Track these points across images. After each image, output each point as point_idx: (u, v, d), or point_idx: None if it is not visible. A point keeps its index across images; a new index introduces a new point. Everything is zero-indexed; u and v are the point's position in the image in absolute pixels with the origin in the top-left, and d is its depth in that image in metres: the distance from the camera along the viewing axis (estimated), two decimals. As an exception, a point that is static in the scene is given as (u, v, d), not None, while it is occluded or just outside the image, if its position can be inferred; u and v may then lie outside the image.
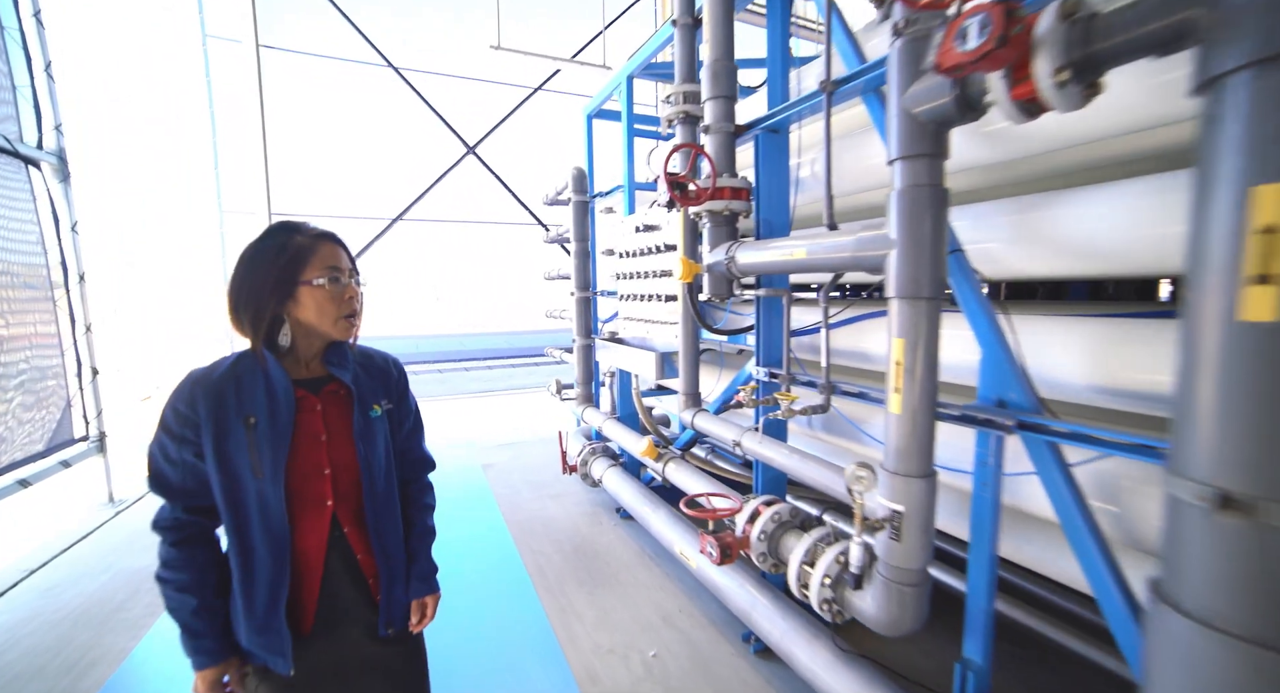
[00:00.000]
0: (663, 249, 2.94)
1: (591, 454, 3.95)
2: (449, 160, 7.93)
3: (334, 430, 1.16)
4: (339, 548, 1.16)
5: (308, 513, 1.12)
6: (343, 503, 1.16)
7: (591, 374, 4.14)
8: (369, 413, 1.20)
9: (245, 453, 1.05)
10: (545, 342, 5.96)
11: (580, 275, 3.99)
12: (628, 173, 3.57)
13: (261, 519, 1.06)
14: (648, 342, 3.25)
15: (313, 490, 1.12)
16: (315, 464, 1.13)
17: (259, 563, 1.07)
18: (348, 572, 1.17)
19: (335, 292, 1.11)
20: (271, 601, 1.07)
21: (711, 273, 2.27)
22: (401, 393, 1.31)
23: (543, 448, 5.45)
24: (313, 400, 1.15)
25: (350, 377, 1.18)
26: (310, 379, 1.17)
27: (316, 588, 1.14)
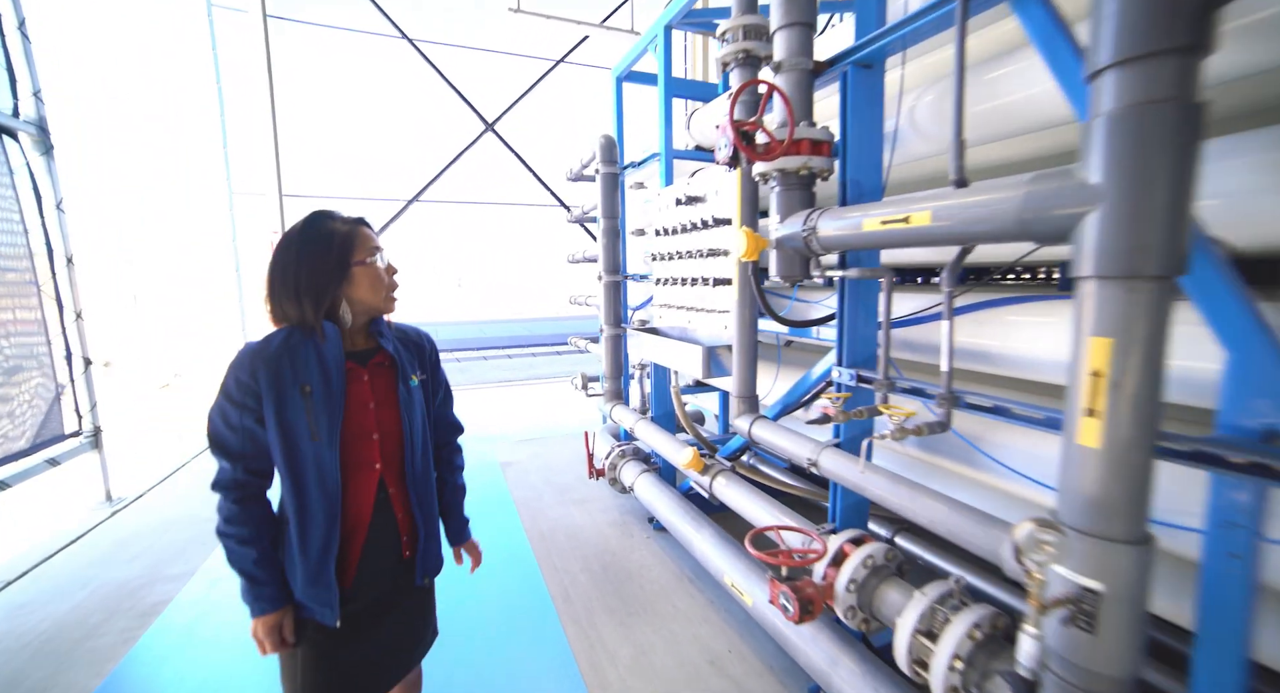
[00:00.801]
0: (710, 224, 2.49)
1: (621, 457, 3.56)
2: (467, 138, 7.52)
3: (380, 398, 1.26)
4: (383, 509, 1.27)
5: (358, 475, 1.22)
6: (388, 466, 1.27)
7: (621, 368, 3.72)
8: (409, 383, 1.31)
9: (303, 419, 1.15)
10: (567, 329, 5.57)
11: (609, 257, 3.56)
12: (664, 139, 3.10)
13: (318, 480, 1.16)
14: (689, 333, 2.81)
15: (363, 454, 1.23)
16: (365, 430, 1.23)
17: (313, 521, 1.16)
18: (388, 530, 1.28)
19: (381, 269, 1.25)
20: (323, 555, 1.17)
21: (782, 249, 1.81)
22: (434, 365, 1.44)
23: (565, 445, 5.08)
24: (360, 371, 1.25)
25: (393, 348, 1.29)
26: (357, 352, 1.27)
27: (360, 545, 1.24)
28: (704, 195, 2.60)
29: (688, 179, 2.76)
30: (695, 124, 3.25)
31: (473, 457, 4.77)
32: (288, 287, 1.17)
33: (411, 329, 1.42)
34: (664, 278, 2.99)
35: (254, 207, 6.22)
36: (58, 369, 3.37)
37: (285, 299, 1.18)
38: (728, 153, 1.67)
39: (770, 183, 1.83)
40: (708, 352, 2.35)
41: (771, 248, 1.83)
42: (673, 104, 3.15)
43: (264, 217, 6.08)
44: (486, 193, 7.93)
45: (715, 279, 2.47)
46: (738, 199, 2.05)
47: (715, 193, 2.48)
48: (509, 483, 4.17)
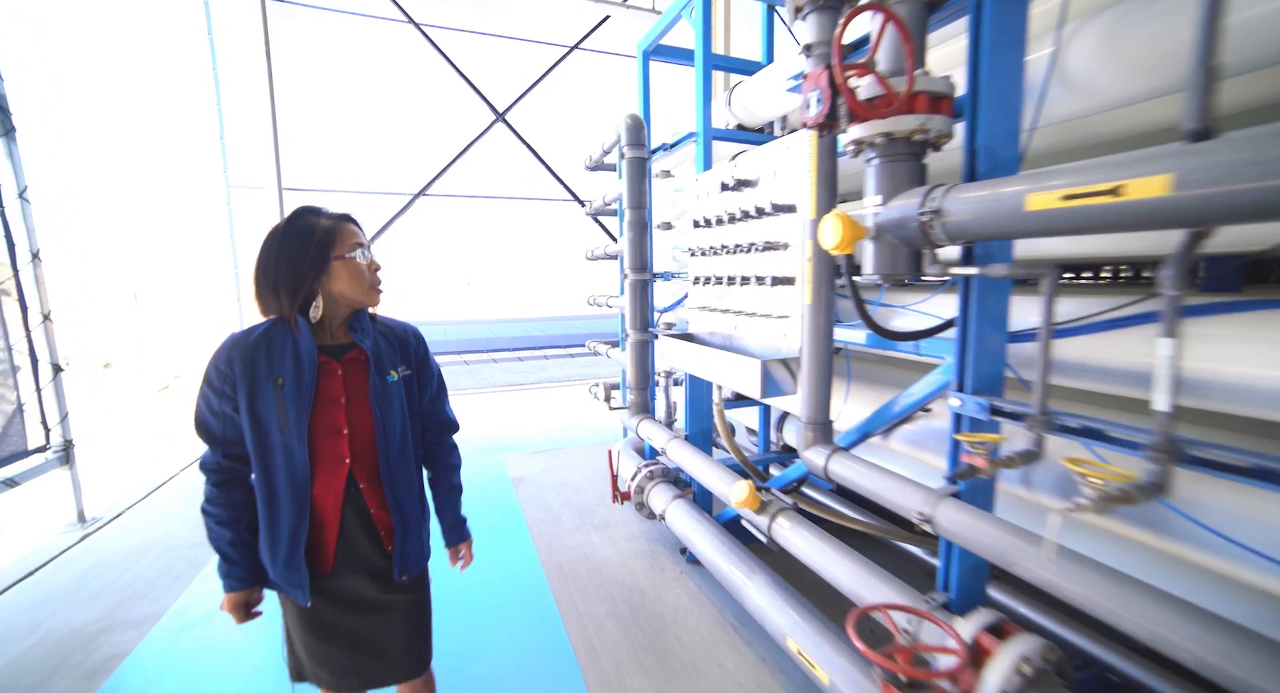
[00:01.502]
0: (765, 212, 2.08)
1: (649, 479, 3.15)
2: (476, 129, 7.15)
3: (352, 393, 1.27)
4: (354, 503, 1.28)
5: (326, 469, 1.25)
6: (359, 462, 1.27)
7: (648, 378, 3.32)
8: (386, 378, 1.31)
9: (274, 410, 1.18)
10: (581, 329, 5.16)
11: (635, 253, 3.15)
12: (703, 117, 2.69)
13: (286, 470, 1.20)
14: (735, 341, 2.40)
15: (331, 448, 1.25)
16: (334, 424, 1.24)
17: (283, 508, 1.21)
18: (361, 524, 1.29)
19: (364, 264, 1.26)
20: (292, 541, 1.22)
21: (883, 239, 1.40)
22: (422, 360, 1.42)
23: (582, 457, 4.69)
24: (334, 366, 1.26)
25: (370, 343, 1.30)
26: (333, 346, 1.28)
27: (334, 535, 1.27)
28: (756, 179, 2.20)
29: (733, 162, 2.35)
30: (738, 100, 2.84)
31: (482, 470, 4.40)
32: (268, 279, 1.20)
33: (398, 323, 1.42)
34: (703, 277, 2.58)
35: (252, 200, 5.89)
36: (24, 377, 3.02)
37: (266, 291, 1.21)
38: (821, 110, 1.26)
39: (866, 155, 1.42)
40: (765, 367, 1.94)
41: (868, 238, 1.42)
42: (712, 79, 2.73)
43: (263, 211, 5.74)
44: (497, 187, 7.55)
45: (774, 278, 2.06)
46: (813, 177, 1.64)
47: (773, 174, 2.07)
48: (522, 503, 3.78)
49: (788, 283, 2.05)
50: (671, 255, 3.58)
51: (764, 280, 2.12)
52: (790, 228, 2.00)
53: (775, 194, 2.05)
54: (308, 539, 1.23)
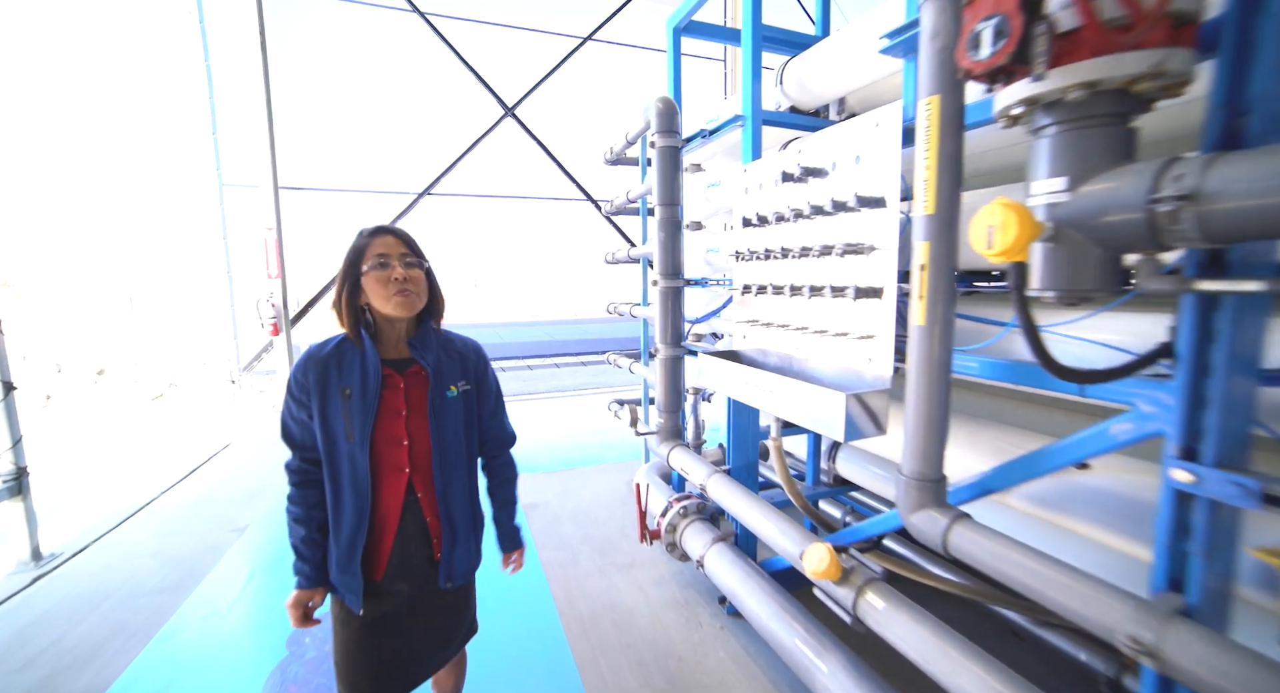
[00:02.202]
0: (849, 206, 1.66)
1: (682, 517, 2.74)
2: (484, 125, 6.77)
3: (413, 407, 1.33)
4: (412, 510, 1.34)
5: (388, 477, 1.31)
6: (418, 472, 1.34)
7: (680, 399, 2.90)
8: (445, 392, 1.37)
9: (341, 420, 1.27)
10: (594, 334, 4.75)
11: (667, 256, 2.74)
12: (751, 98, 2.28)
13: (351, 477, 1.28)
14: (796, 364, 1.99)
15: (393, 458, 1.31)
16: (395, 435, 1.31)
17: (345, 513, 1.29)
18: (417, 531, 1.35)
19: (383, 275, 1.27)
20: (350, 547, 1.29)
21: (1065, 238, 0.98)
22: (481, 374, 1.47)
23: (599, 479, 4.28)
24: (397, 379, 1.32)
25: (432, 358, 1.35)
26: (397, 360, 1.34)
27: (391, 542, 1.33)
28: (826, 167, 1.78)
29: (789, 148, 1.94)
30: (791, 78, 2.42)
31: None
32: (333, 298, 1.32)
33: (460, 338, 1.48)
34: (754, 285, 2.16)
35: (247, 199, 5.53)
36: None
37: (334, 309, 1.32)
38: (1003, 47, 0.84)
39: (1037, 122, 1.00)
40: (852, 402, 1.52)
41: (1043, 237, 1.00)
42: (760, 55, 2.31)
43: (257, 210, 5.37)
44: (506, 186, 7.17)
45: (857, 289, 1.64)
46: (932, 158, 1.22)
47: (854, 160, 1.65)
48: (535, 536, 3.37)
49: (872, 295, 1.64)
50: (704, 259, 3.17)
51: (842, 292, 1.70)
52: (878, 226, 1.59)
53: (858, 184, 1.63)
54: (366, 545, 1.31)
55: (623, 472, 4.43)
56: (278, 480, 4.24)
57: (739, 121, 2.34)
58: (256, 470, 4.47)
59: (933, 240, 1.25)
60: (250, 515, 3.58)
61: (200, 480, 4.24)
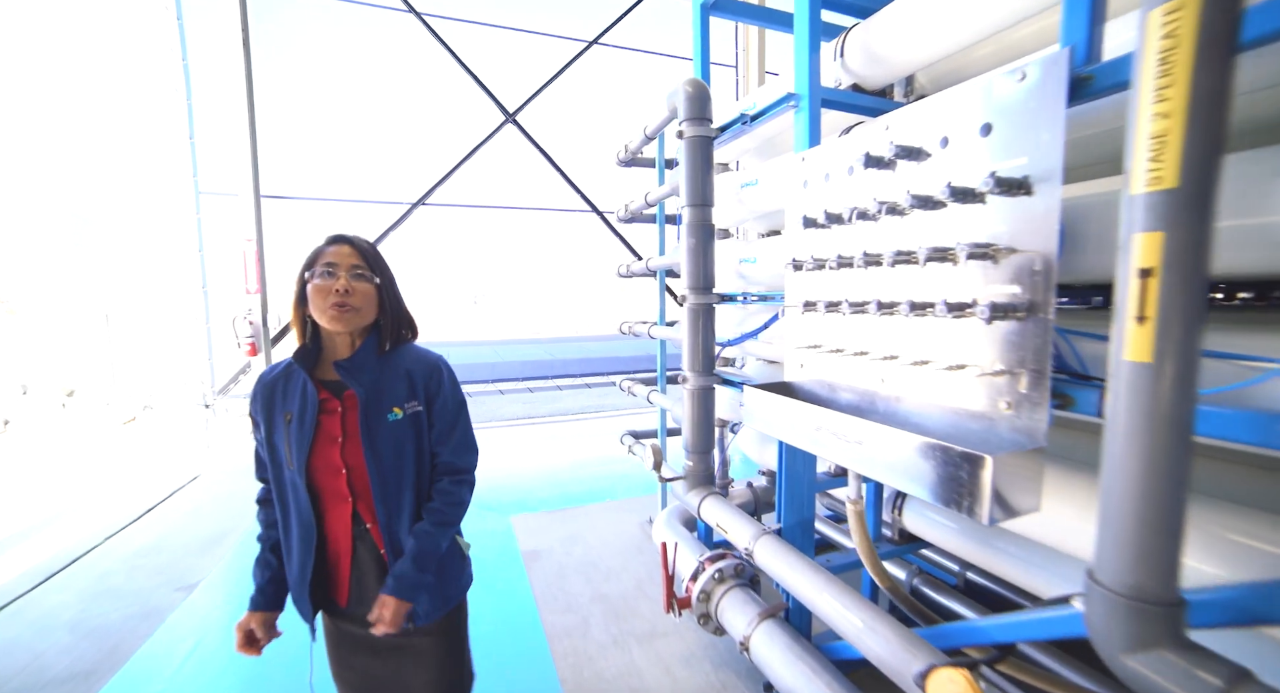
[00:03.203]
0: (972, 196, 1.22)
1: (717, 581, 2.26)
2: (483, 133, 6.40)
3: (350, 432, 1.23)
4: (364, 541, 1.27)
5: (334, 507, 1.25)
6: (360, 501, 1.25)
7: (712, 437, 2.43)
8: (386, 415, 1.24)
9: (283, 446, 1.21)
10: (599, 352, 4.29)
11: (697, 267, 2.30)
12: (809, 73, 1.86)
13: (295, 505, 1.23)
14: (882, 403, 1.52)
15: (334, 487, 1.24)
16: (332, 463, 1.23)
17: (293, 542, 1.25)
18: (373, 562, 1.27)
19: (324, 285, 1.20)
20: (300, 574, 1.24)
21: None
22: (433, 394, 1.32)
23: (608, 520, 3.78)
24: (334, 403, 1.23)
25: (367, 379, 1.24)
26: (336, 381, 1.25)
27: (347, 572, 1.27)
28: (927, 147, 1.35)
29: (883, 123, 1.51)
30: (855, 49, 2.00)
31: (486, 540, 3.28)
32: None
33: (416, 352, 1.35)
34: (817, 301, 1.71)
35: (226, 208, 5.12)
36: None
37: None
38: None
39: None
40: (1006, 466, 1.05)
41: None
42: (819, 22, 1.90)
43: (238, 221, 4.95)
44: (507, 196, 6.78)
45: (994, 307, 1.18)
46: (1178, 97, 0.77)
47: (980, 130, 1.21)
48: (537, 595, 2.87)
49: (1010, 315, 1.18)
50: (736, 271, 2.73)
51: (962, 310, 1.25)
52: (1020, 221, 1.15)
53: (984, 164, 1.19)
54: (324, 574, 1.27)
55: (635, 510, 3.93)
56: (245, 522, 3.73)
57: (791, 102, 1.91)
58: (223, 509, 3.97)
59: (1171, 231, 0.80)
60: (205, 568, 3.07)
61: (154, 522, 3.73)
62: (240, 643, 1.27)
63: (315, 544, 1.24)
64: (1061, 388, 1.18)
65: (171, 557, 3.19)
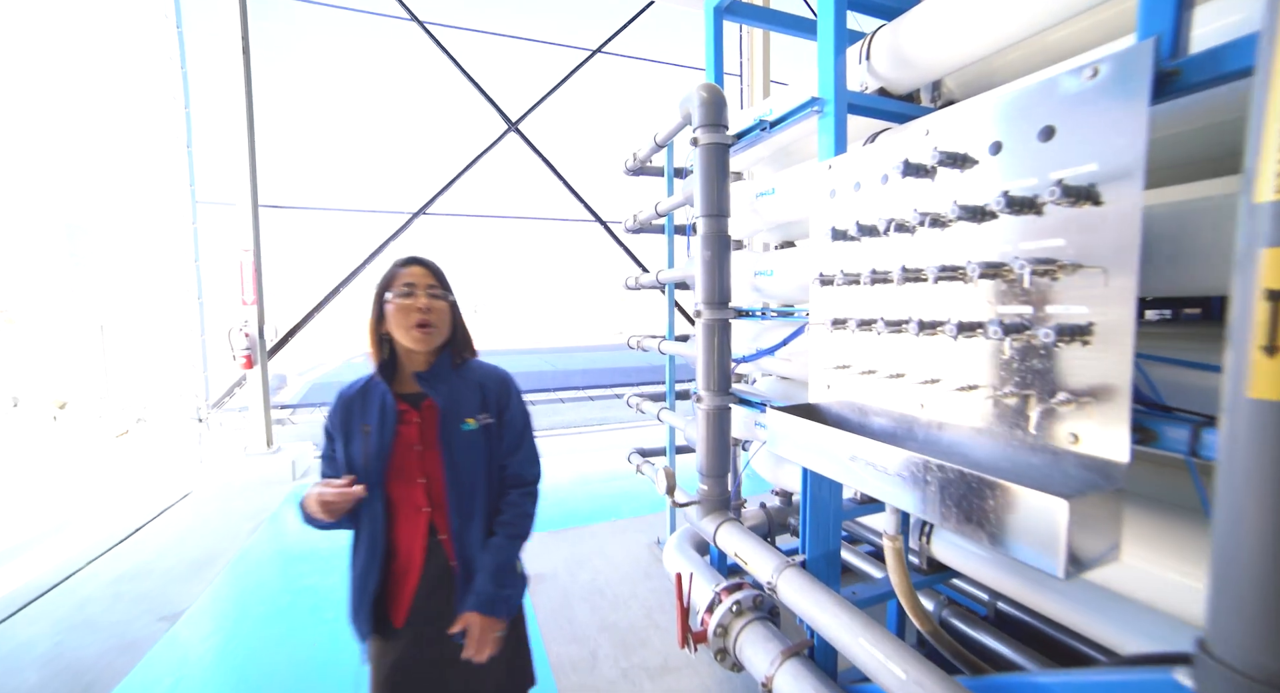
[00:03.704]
0: (1032, 206, 1.11)
1: (735, 614, 2.11)
2: (486, 142, 6.33)
3: (428, 442, 1.29)
4: (436, 554, 1.29)
5: (408, 518, 1.28)
6: (436, 511, 1.29)
7: (728, 459, 2.30)
8: (460, 425, 1.30)
9: (360, 457, 1.26)
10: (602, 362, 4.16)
11: (713, 279, 2.18)
12: (834, 76, 1.75)
13: (368, 519, 1.27)
14: (919, 431, 1.40)
15: (411, 497, 1.28)
16: (411, 473, 1.28)
17: (359, 553, 1.28)
18: (442, 576, 1.29)
19: (405, 303, 1.27)
20: (362, 587, 1.26)
21: None
22: (503, 406, 1.37)
23: (615, 540, 3.64)
24: (412, 414, 1.30)
25: (444, 389, 1.30)
26: (415, 394, 1.31)
27: (413, 586, 1.27)
28: (972, 153, 1.24)
29: (923, 127, 1.40)
30: (883, 50, 1.90)
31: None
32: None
33: (484, 367, 1.41)
34: (848, 318, 1.59)
35: (222, 218, 5.02)
36: None
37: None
38: None
39: None
40: (1083, 511, 0.93)
41: None
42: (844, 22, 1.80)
43: (236, 231, 4.85)
44: (508, 206, 6.69)
45: (1058, 329, 1.06)
46: None
47: (1038, 135, 1.10)
48: (541, 624, 2.72)
49: (1079, 337, 1.06)
50: (751, 284, 2.62)
51: (1020, 331, 1.13)
52: (1089, 232, 1.03)
53: (1045, 169, 1.08)
54: (390, 589, 1.28)
55: (643, 530, 3.79)
56: (237, 543, 3.59)
57: (815, 107, 1.81)
58: (214, 530, 3.82)
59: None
60: (192, 595, 2.92)
61: (140, 544, 3.58)
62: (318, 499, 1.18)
63: (382, 558, 1.26)
64: (1137, 420, 1.06)
65: (156, 582, 3.04)
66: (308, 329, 5.85)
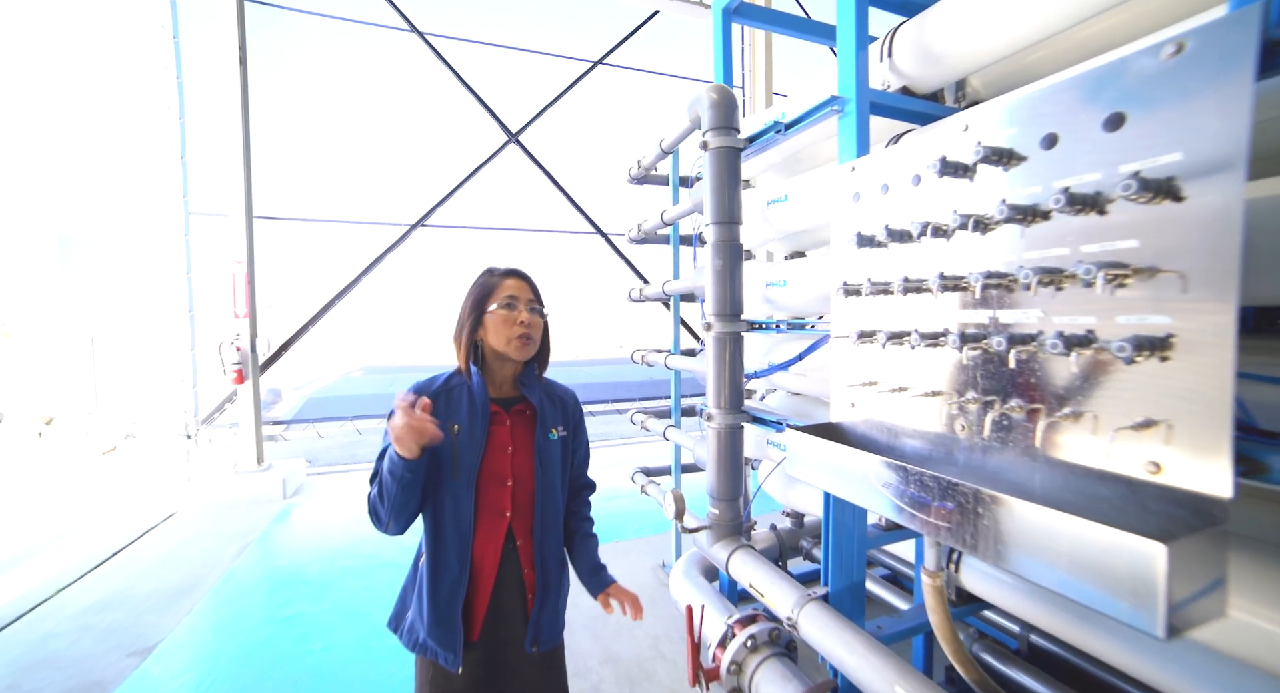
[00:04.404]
0: (1094, 204, 0.99)
1: (750, 650, 1.94)
2: (485, 153, 6.26)
3: (519, 445, 1.32)
4: (511, 561, 1.30)
5: (488, 522, 1.28)
6: (518, 516, 1.30)
7: (740, 481, 2.15)
8: (548, 434, 1.35)
9: (448, 457, 1.24)
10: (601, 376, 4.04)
11: (724, 290, 2.06)
12: (855, 74, 1.65)
13: (454, 519, 1.25)
14: (959, 452, 1.26)
15: (495, 500, 1.28)
16: (500, 474, 1.29)
17: (446, 560, 1.24)
18: (514, 585, 1.30)
19: (509, 316, 1.31)
20: (451, 596, 1.24)
21: None
22: (577, 423, 1.47)
23: (620, 563, 3.47)
24: (504, 416, 1.33)
25: (537, 399, 1.36)
26: (503, 398, 1.36)
27: (488, 596, 1.27)
28: (1022, 149, 1.12)
29: (961, 122, 1.28)
30: (906, 46, 1.80)
31: None
32: (454, 331, 1.36)
33: (560, 385, 1.48)
34: (878, 331, 1.46)
35: (214, 229, 4.91)
36: None
37: (454, 342, 1.36)
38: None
39: None
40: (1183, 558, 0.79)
41: None
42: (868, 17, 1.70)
43: (228, 243, 4.74)
44: (508, 218, 6.60)
45: (1135, 342, 0.93)
46: None
47: (1101, 124, 0.98)
48: (539, 659, 2.53)
49: (1160, 352, 0.93)
50: (762, 296, 2.49)
51: (1085, 345, 1.00)
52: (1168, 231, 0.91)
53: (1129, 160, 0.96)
54: (465, 601, 1.25)
55: (647, 553, 3.62)
56: (220, 568, 3.41)
57: (834, 106, 1.70)
58: (197, 553, 3.64)
59: None
60: (165, 627, 2.74)
61: (117, 569, 3.40)
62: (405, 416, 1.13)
63: (471, 565, 1.25)
64: (1240, 449, 0.92)
65: (129, 613, 2.86)
66: (303, 343, 5.71)
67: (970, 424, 1.26)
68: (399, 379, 1.57)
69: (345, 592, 3.15)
